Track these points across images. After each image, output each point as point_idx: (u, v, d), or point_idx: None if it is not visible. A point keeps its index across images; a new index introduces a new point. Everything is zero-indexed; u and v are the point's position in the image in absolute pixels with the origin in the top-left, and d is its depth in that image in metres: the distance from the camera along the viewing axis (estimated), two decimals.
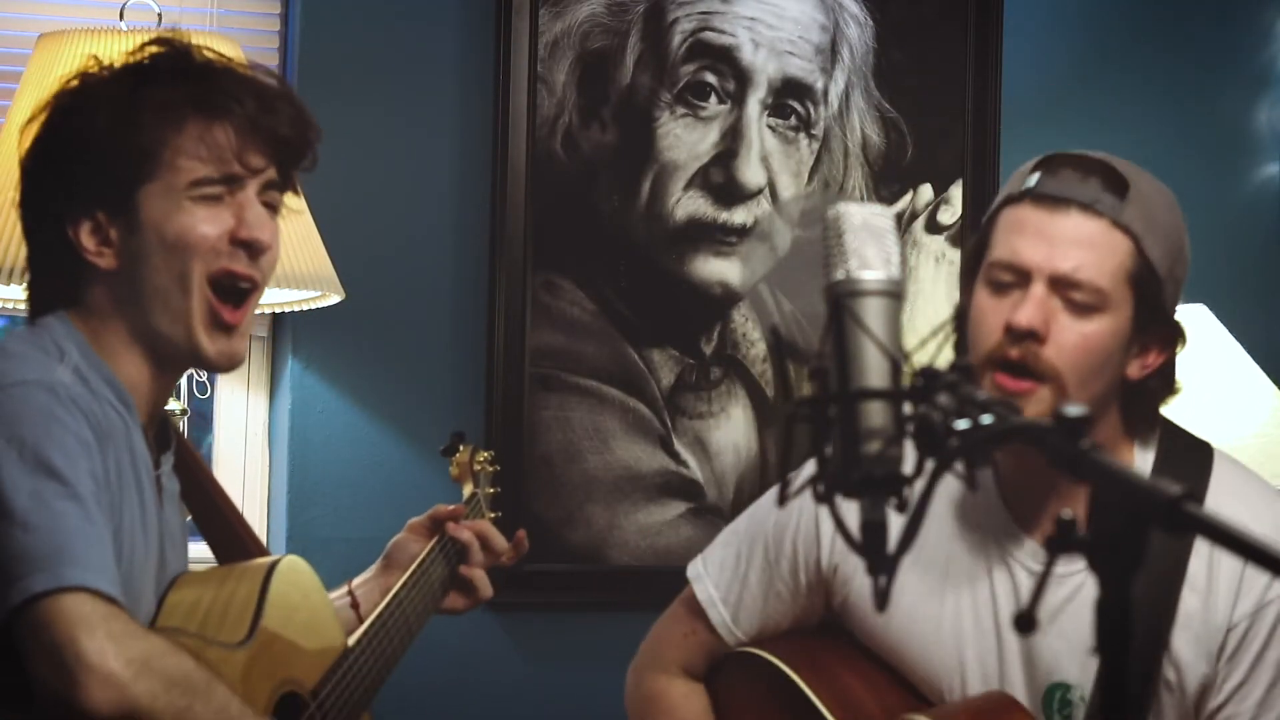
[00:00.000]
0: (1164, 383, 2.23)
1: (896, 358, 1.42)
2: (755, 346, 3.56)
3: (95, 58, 2.10)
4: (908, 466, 1.40)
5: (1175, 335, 2.21)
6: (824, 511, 1.71)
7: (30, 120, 2.07)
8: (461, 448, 2.59)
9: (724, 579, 2.41)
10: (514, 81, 3.42)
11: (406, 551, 2.41)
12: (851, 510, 1.43)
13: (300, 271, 2.90)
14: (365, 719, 2.23)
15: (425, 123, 3.44)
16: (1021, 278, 2.14)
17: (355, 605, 2.37)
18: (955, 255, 3.63)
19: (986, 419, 1.35)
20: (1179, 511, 1.24)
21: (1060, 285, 2.13)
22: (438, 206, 3.45)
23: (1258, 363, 3.56)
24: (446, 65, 3.45)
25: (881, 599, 1.38)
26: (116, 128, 2.01)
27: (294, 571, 2.16)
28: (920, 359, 1.42)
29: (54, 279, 2.06)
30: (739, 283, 3.56)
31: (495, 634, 3.45)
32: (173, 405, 3.02)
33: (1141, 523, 1.26)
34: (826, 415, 1.42)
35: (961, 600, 2.25)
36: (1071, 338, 2.13)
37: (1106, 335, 2.14)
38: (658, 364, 3.51)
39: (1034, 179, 2.18)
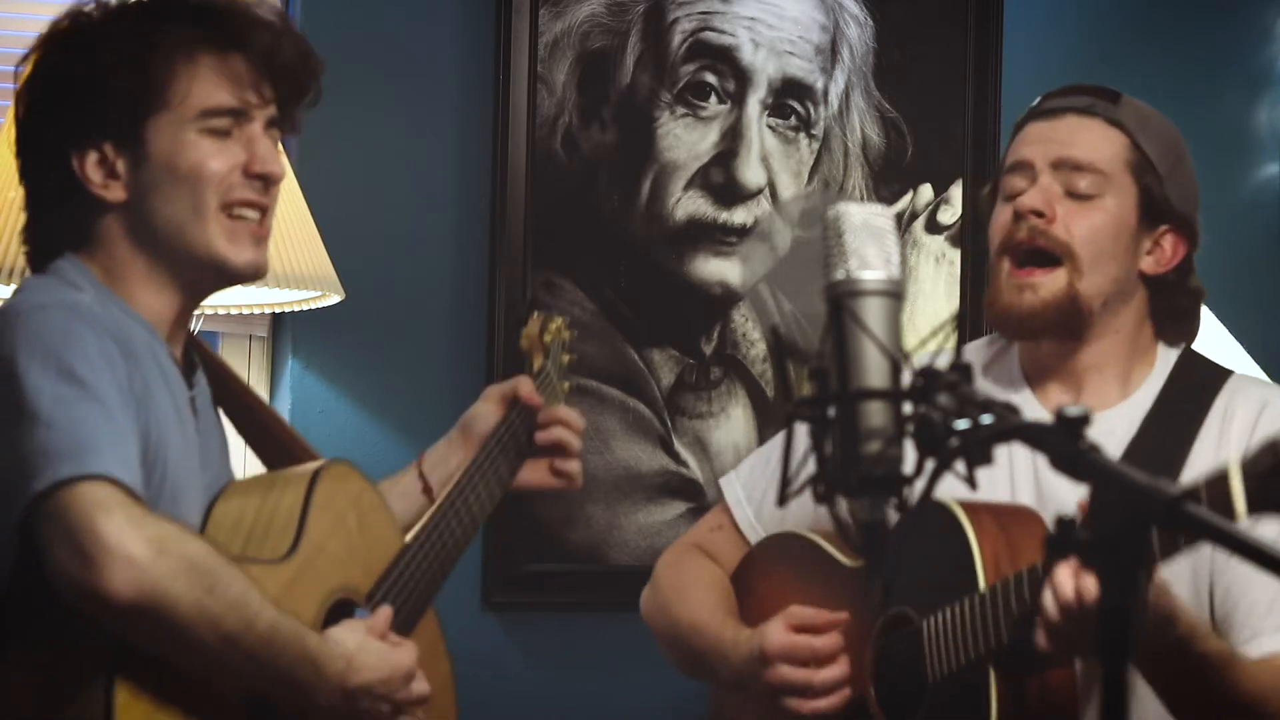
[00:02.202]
0: (1183, 278, 2.32)
1: (896, 358, 1.42)
2: (755, 346, 3.56)
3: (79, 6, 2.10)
4: (908, 466, 1.40)
5: (1187, 231, 2.30)
6: None
7: (24, 61, 2.08)
8: (534, 316, 2.49)
9: (752, 480, 2.50)
10: (514, 81, 3.41)
11: (485, 423, 2.33)
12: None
13: (300, 271, 2.89)
14: (430, 616, 2.17)
15: (425, 123, 3.44)
16: (1028, 175, 2.27)
17: (427, 489, 2.31)
18: (955, 255, 3.63)
19: (986, 419, 1.35)
20: (1178, 511, 1.24)
21: (1062, 169, 2.25)
22: (438, 206, 3.44)
23: (1258, 363, 3.56)
24: (446, 65, 3.45)
25: (883, 598, 1.38)
26: (125, 60, 2.00)
27: (341, 477, 2.12)
28: (920, 359, 1.42)
29: (57, 218, 2.05)
30: (739, 283, 3.55)
31: (495, 634, 3.44)
32: None
33: (1142, 522, 1.26)
34: (826, 415, 1.43)
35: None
36: (1077, 218, 2.24)
37: (1111, 216, 2.26)
38: (658, 364, 3.51)
39: (1035, 103, 2.34)
